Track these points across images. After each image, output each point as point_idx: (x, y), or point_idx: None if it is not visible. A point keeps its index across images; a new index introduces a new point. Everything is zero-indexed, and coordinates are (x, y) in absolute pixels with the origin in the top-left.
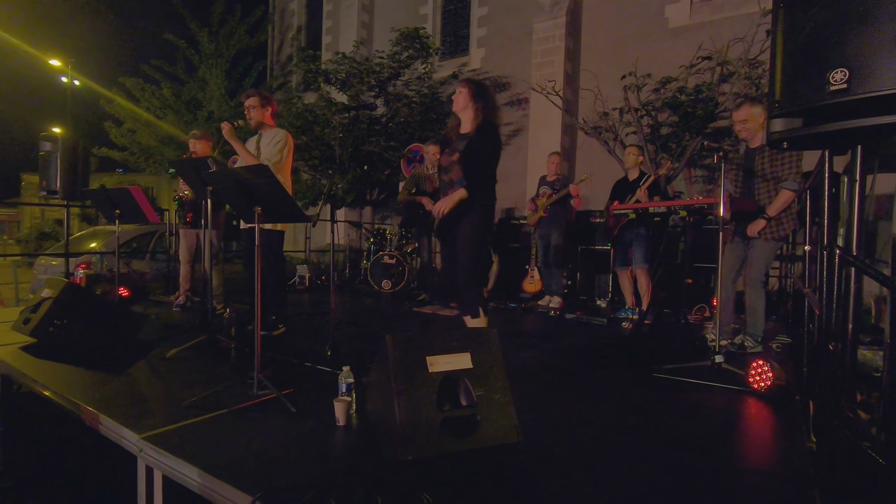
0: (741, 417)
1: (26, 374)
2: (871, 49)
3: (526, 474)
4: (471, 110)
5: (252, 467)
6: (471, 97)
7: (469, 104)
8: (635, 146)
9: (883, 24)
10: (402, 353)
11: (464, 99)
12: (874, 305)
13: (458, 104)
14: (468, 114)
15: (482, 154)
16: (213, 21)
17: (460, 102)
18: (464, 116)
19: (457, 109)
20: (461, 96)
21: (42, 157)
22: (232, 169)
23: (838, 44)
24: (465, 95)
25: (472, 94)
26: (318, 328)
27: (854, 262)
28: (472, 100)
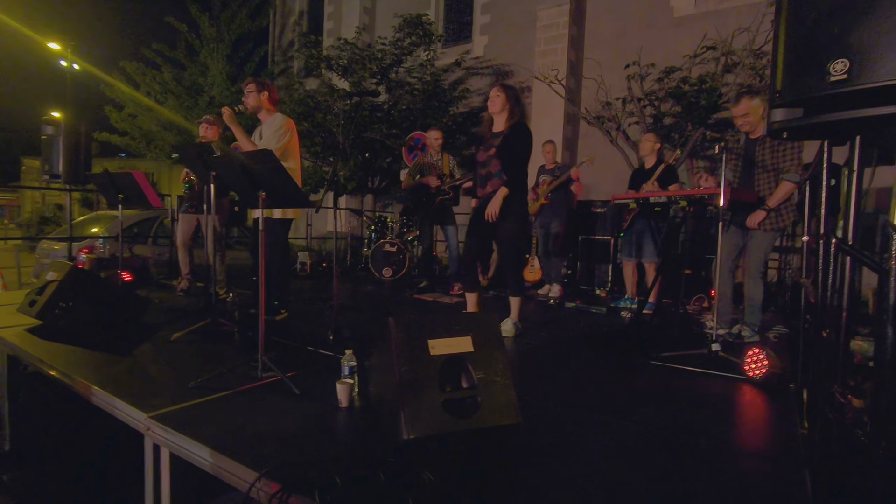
0: (736, 403)
1: (33, 354)
2: (873, 40)
3: (524, 453)
4: (506, 112)
5: (257, 446)
6: (507, 101)
7: (506, 107)
8: (652, 133)
9: (884, 15)
10: (405, 336)
11: (501, 102)
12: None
13: (496, 107)
14: (504, 115)
15: (518, 150)
16: (215, 5)
17: (497, 105)
18: (499, 118)
19: (494, 112)
20: (499, 100)
21: (44, 140)
22: (237, 153)
23: (840, 34)
24: (502, 100)
25: (508, 99)
26: (320, 314)
27: (849, 251)
28: (508, 103)
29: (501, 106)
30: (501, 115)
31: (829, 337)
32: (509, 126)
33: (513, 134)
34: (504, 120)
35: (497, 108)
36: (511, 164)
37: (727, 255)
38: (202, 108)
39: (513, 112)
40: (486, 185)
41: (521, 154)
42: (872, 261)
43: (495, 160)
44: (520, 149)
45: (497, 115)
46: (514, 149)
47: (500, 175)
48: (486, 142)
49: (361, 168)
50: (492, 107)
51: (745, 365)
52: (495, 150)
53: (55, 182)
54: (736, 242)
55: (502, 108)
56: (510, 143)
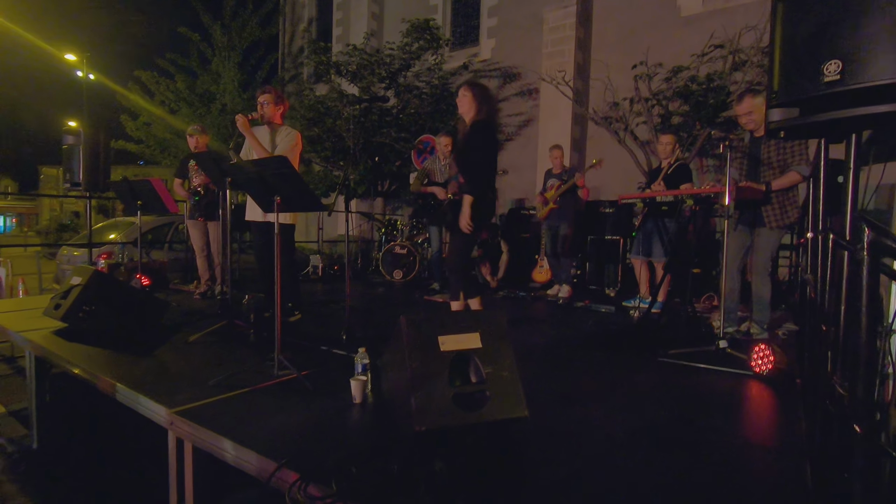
0: (742, 398)
1: (60, 355)
2: (865, 42)
3: (531, 445)
4: (473, 112)
5: (276, 439)
6: (474, 100)
7: (472, 106)
8: (671, 134)
9: (876, 18)
10: (416, 333)
11: (468, 102)
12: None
13: (463, 107)
14: (471, 115)
15: (474, 150)
16: (226, 14)
17: (465, 104)
18: (467, 118)
19: (462, 112)
20: (465, 99)
21: (65, 150)
22: (253, 160)
23: (834, 37)
24: (469, 98)
25: (475, 97)
26: (332, 315)
27: (846, 246)
28: (474, 102)
29: (468, 105)
30: (469, 114)
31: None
32: (471, 125)
33: (471, 133)
34: (470, 119)
35: (464, 108)
36: (467, 167)
37: (735, 254)
38: (214, 116)
39: (479, 110)
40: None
41: (476, 155)
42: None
43: (454, 162)
44: (476, 149)
45: (465, 115)
46: (469, 150)
47: (456, 178)
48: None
49: (371, 172)
50: (460, 107)
51: (752, 361)
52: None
53: (75, 190)
54: (743, 241)
55: (469, 108)
56: (467, 144)
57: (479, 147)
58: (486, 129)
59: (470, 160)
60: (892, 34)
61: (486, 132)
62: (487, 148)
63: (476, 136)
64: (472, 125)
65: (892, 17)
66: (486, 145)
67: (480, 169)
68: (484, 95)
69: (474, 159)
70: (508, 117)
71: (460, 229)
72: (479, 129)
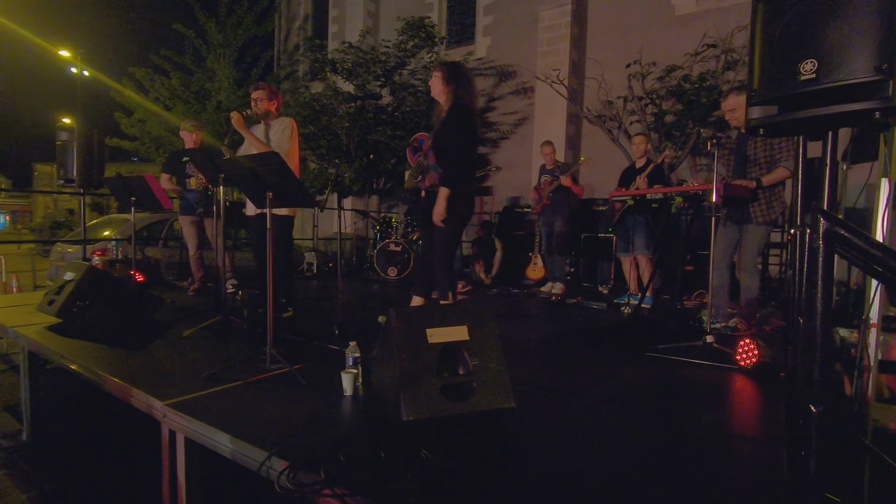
0: (725, 390)
1: (54, 350)
2: (840, 41)
3: (517, 435)
4: (444, 94)
5: (267, 429)
6: (444, 81)
7: (443, 88)
8: (642, 135)
9: (850, 18)
10: (405, 326)
11: (439, 84)
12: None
13: (435, 89)
14: (443, 98)
15: (453, 139)
16: (221, 11)
17: (436, 87)
18: (441, 101)
19: (434, 95)
20: (436, 81)
21: (59, 146)
22: (245, 156)
23: (810, 36)
24: (439, 80)
25: (444, 78)
26: (326, 311)
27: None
28: (445, 83)
29: (440, 87)
30: (442, 97)
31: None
32: (446, 110)
33: (447, 120)
34: (444, 103)
35: (436, 90)
36: (446, 157)
37: (723, 250)
38: (210, 113)
39: (453, 92)
40: (424, 179)
41: (455, 144)
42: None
43: (431, 151)
44: (455, 138)
45: (439, 98)
46: (448, 139)
47: (435, 168)
48: (433, 130)
49: (366, 169)
50: (433, 90)
51: (737, 355)
52: (432, 139)
53: (69, 186)
54: (732, 237)
55: (441, 90)
56: (444, 132)
57: (457, 134)
58: (464, 115)
59: (448, 149)
60: (865, 35)
61: (463, 118)
62: (466, 135)
63: (453, 123)
64: (448, 110)
65: (864, 19)
66: (464, 132)
67: (459, 158)
68: (456, 74)
69: (452, 148)
70: (503, 115)
71: (443, 224)
72: (455, 115)
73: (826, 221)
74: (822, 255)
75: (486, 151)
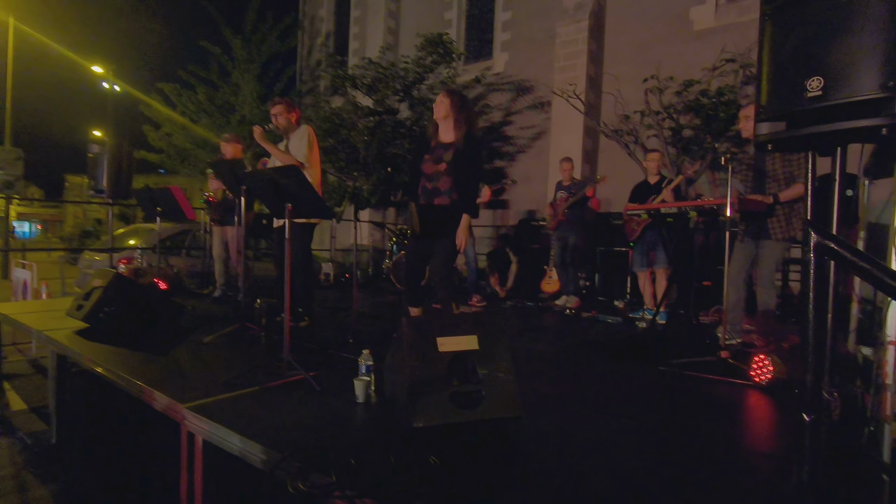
0: (738, 406)
1: (81, 354)
2: (845, 59)
3: (526, 445)
4: (452, 120)
5: (281, 433)
6: (453, 107)
7: (451, 114)
8: (657, 151)
9: (856, 36)
10: (416, 334)
11: (445, 108)
12: None
13: (440, 112)
14: (449, 123)
15: (473, 168)
16: (246, 28)
17: (442, 111)
18: (444, 125)
19: (438, 117)
20: (443, 105)
21: (91, 158)
22: (265, 169)
23: (817, 54)
24: (446, 105)
25: (454, 105)
26: (342, 321)
27: None
28: (453, 110)
29: (445, 112)
30: (446, 121)
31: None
32: (462, 139)
33: (466, 149)
34: (451, 128)
35: (441, 113)
36: (465, 184)
37: (740, 266)
38: (233, 126)
39: (458, 121)
40: (431, 199)
41: (475, 172)
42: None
43: (446, 177)
44: (474, 166)
45: (442, 122)
46: (468, 167)
47: (449, 193)
48: (434, 152)
49: (384, 182)
50: (436, 112)
51: (752, 371)
52: (446, 165)
53: (100, 197)
54: (749, 253)
55: (446, 115)
56: (464, 160)
57: (475, 164)
58: (478, 144)
59: (469, 177)
60: (871, 52)
61: (477, 148)
62: (481, 164)
63: (473, 152)
64: (465, 139)
65: (871, 37)
66: (480, 163)
67: (477, 185)
68: (462, 104)
69: (471, 177)
70: (520, 129)
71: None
72: (474, 145)
73: (816, 235)
74: (812, 267)
75: (502, 165)
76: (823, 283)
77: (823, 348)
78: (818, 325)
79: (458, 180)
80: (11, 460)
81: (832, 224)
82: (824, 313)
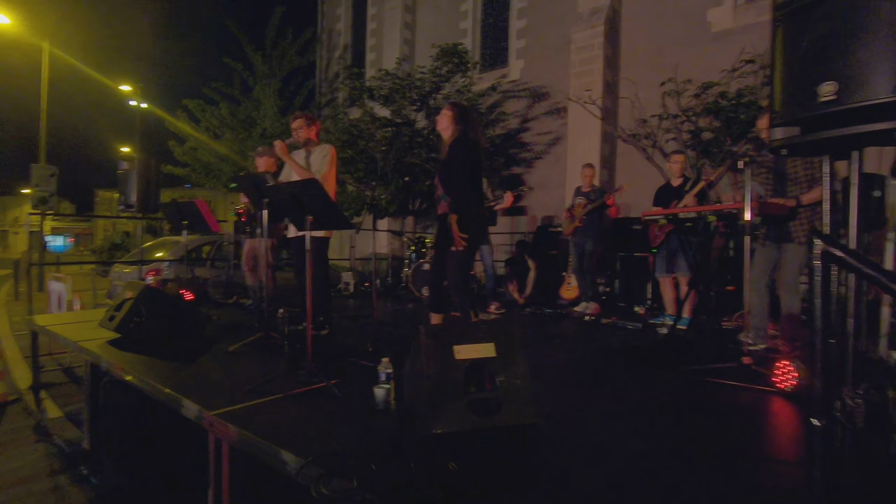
0: (761, 413)
1: (113, 362)
2: (860, 62)
3: (542, 450)
4: (450, 131)
5: (304, 439)
6: (453, 120)
7: (450, 126)
8: (681, 153)
9: (869, 41)
10: (433, 342)
11: (446, 121)
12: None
13: (441, 124)
14: (448, 133)
15: (456, 169)
16: (267, 44)
17: (443, 123)
18: (445, 136)
19: (440, 129)
20: (444, 118)
21: (120, 174)
22: (287, 183)
23: (830, 58)
24: (448, 118)
25: (454, 117)
26: (361, 329)
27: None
28: (453, 122)
29: (446, 124)
30: (447, 132)
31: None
32: (449, 145)
33: (451, 152)
34: (447, 138)
35: (442, 125)
36: (452, 186)
37: (763, 270)
38: (255, 140)
39: (455, 129)
40: (437, 208)
41: (459, 173)
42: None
43: (440, 183)
44: (457, 167)
45: (444, 133)
46: (452, 169)
47: (444, 198)
48: (442, 163)
49: (402, 191)
50: (439, 125)
51: (775, 377)
52: (442, 171)
53: (129, 211)
54: (771, 257)
55: (447, 126)
56: (449, 163)
57: (460, 163)
58: (464, 144)
59: (453, 177)
60: (884, 56)
61: (464, 148)
62: (467, 164)
63: (456, 154)
64: (451, 143)
65: (883, 40)
66: (466, 161)
67: (463, 185)
68: (463, 114)
69: (456, 176)
70: (537, 136)
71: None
72: (459, 146)
73: (821, 242)
74: (819, 274)
75: (519, 172)
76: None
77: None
78: (826, 331)
79: (446, 185)
80: (49, 465)
81: (853, 228)
82: (831, 319)
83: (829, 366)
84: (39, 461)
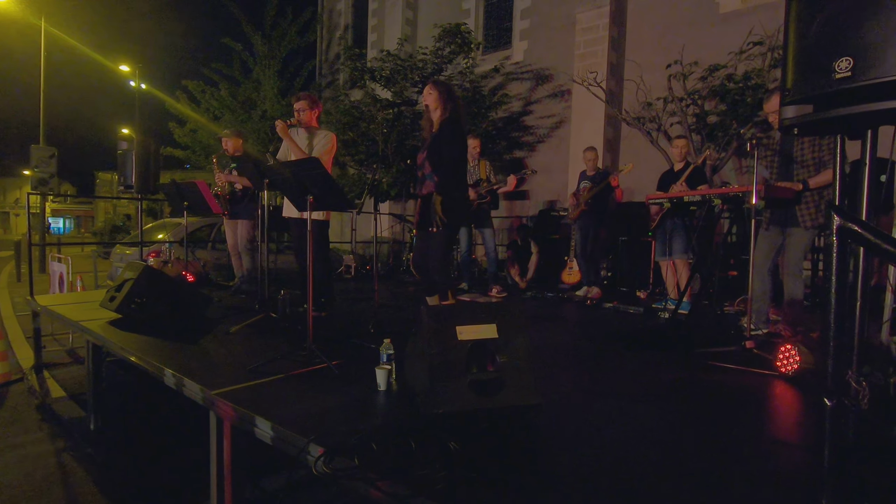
0: (764, 396)
1: (115, 343)
2: (876, 38)
3: (543, 431)
4: (439, 110)
5: (305, 419)
6: (441, 98)
7: (439, 105)
8: (683, 137)
9: (887, 15)
10: (435, 322)
11: (433, 99)
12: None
13: (429, 103)
14: (437, 113)
15: (447, 150)
16: (267, 24)
17: (430, 102)
18: (434, 116)
19: (428, 103)
20: (430, 97)
21: (119, 155)
22: (287, 162)
23: (845, 34)
24: (434, 97)
25: (440, 95)
26: (363, 311)
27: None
28: (442, 101)
29: (434, 103)
30: (435, 112)
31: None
32: (439, 125)
33: (441, 133)
34: (437, 118)
35: (431, 104)
36: (440, 166)
37: (766, 255)
38: (255, 122)
39: (445, 109)
40: (421, 188)
41: (449, 155)
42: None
43: (427, 162)
44: (448, 149)
45: (432, 113)
46: (442, 150)
47: (430, 178)
48: (425, 142)
49: (404, 174)
50: (426, 99)
51: (778, 361)
52: (427, 150)
53: (128, 192)
54: (774, 241)
55: (435, 106)
56: (439, 144)
57: (451, 145)
58: (456, 123)
59: (443, 158)
60: None
61: (456, 127)
62: (458, 146)
63: (448, 135)
64: (443, 124)
65: None
66: (457, 143)
67: (453, 167)
68: (449, 93)
69: (449, 156)
70: (540, 119)
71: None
72: (450, 129)
73: (839, 218)
74: (835, 250)
75: (522, 155)
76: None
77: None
78: (840, 310)
79: (435, 165)
80: (54, 445)
81: (861, 210)
82: (846, 298)
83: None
84: (45, 441)
